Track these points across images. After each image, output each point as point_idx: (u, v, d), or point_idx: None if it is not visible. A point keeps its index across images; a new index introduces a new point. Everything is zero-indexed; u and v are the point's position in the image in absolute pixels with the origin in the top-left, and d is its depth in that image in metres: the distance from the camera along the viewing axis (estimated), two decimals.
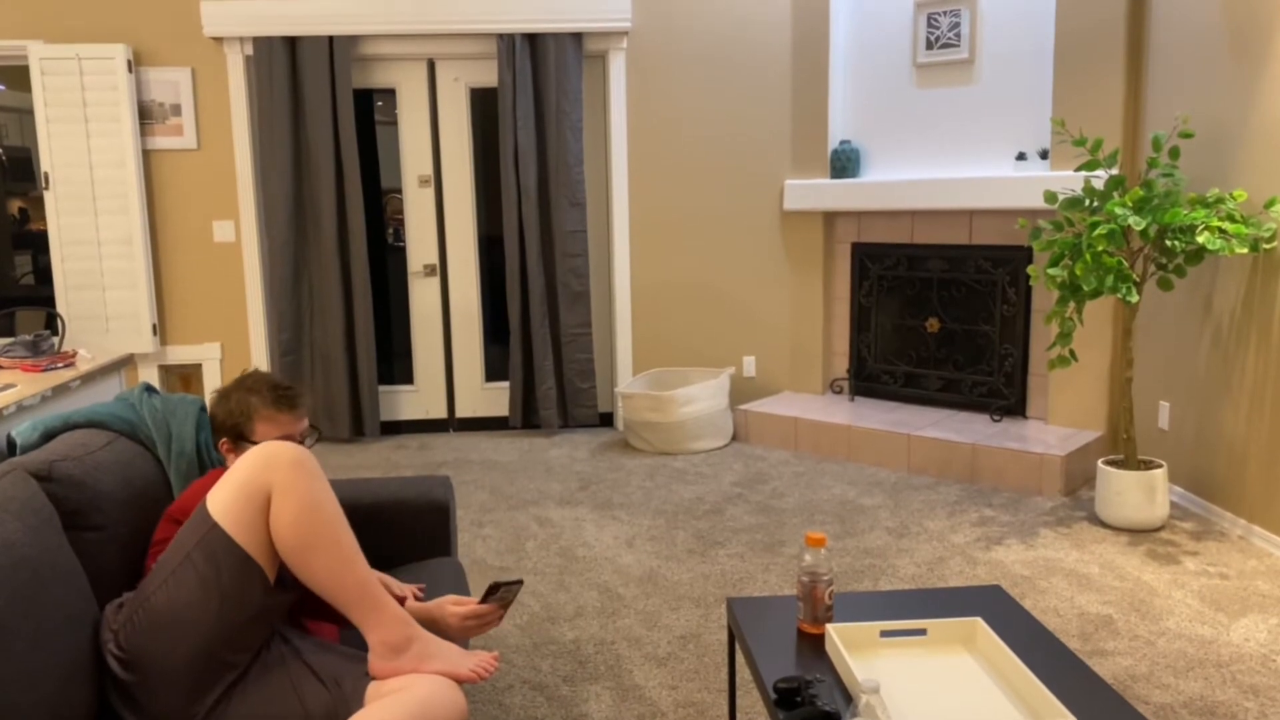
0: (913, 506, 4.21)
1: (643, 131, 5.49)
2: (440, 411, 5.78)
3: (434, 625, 2.09)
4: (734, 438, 5.39)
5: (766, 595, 2.24)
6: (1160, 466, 3.89)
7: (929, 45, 5.01)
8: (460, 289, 5.67)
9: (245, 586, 1.82)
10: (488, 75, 5.49)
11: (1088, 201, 3.91)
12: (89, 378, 2.79)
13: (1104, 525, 3.93)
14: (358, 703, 1.83)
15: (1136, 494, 3.83)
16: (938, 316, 5.19)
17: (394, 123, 5.54)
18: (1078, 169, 3.96)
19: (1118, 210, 3.67)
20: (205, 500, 1.86)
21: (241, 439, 2.18)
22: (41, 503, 1.88)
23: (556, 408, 5.57)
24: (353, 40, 5.27)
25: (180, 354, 5.50)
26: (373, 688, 1.85)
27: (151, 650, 1.80)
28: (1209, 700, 2.61)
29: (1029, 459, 4.37)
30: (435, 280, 5.66)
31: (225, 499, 1.83)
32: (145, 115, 5.27)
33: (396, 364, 5.77)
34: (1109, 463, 3.97)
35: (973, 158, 4.97)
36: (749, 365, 5.69)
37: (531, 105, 5.31)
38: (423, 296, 5.67)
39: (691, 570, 3.58)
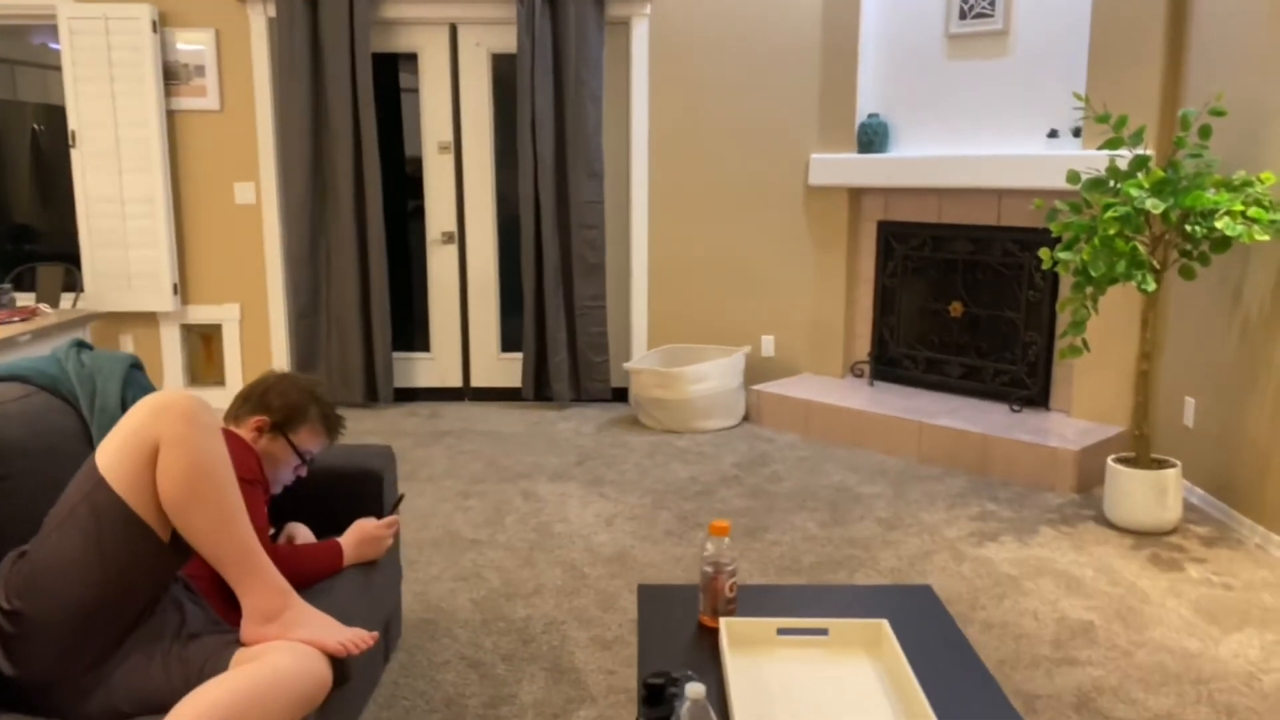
0: (912, 497, 4.04)
1: (665, 101, 5.35)
2: (456, 380, 5.75)
3: (365, 543, 2.34)
4: (745, 418, 5.25)
5: (678, 584, 2.14)
6: (1174, 466, 3.65)
7: (962, 15, 4.76)
8: (478, 258, 5.62)
9: (130, 545, 1.77)
10: (510, 40, 5.40)
11: (1111, 182, 3.68)
12: (44, 333, 2.79)
13: (1111, 526, 3.72)
14: (222, 668, 1.78)
15: (1145, 494, 3.60)
16: (962, 300, 4.97)
17: (417, 89, 5.50)
18: (1099, 147, 3.72)
19: (1133, 192, 3.43)
20: (95, 452, 1.82)
21: (281, 428, 2.23)
22: None
23: (569, 380, 5.50)
24: (373, 3, 5.23)
25: (201, 314, 5.55)
26: (239, 655, 1.80)
27: (32, 604, 1.77)
28: (1176, 719, 2.42)
29: (1042, 452, 4.16)
30: (453, 248, 5.61)
31: (112, 451, 1.78)
32: (170, 76, 5.31)
33: (416, 331, 5.75)
34: (1119, 460, 3.75)
35: (1004, 134, 4.73)
36: (768, 345, 5.54)
37: (550, 71, 5.21)
38: (440, 264, 5.63)
39: (665, 552, 3.48)
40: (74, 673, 1.77)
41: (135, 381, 2.44)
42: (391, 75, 5.51)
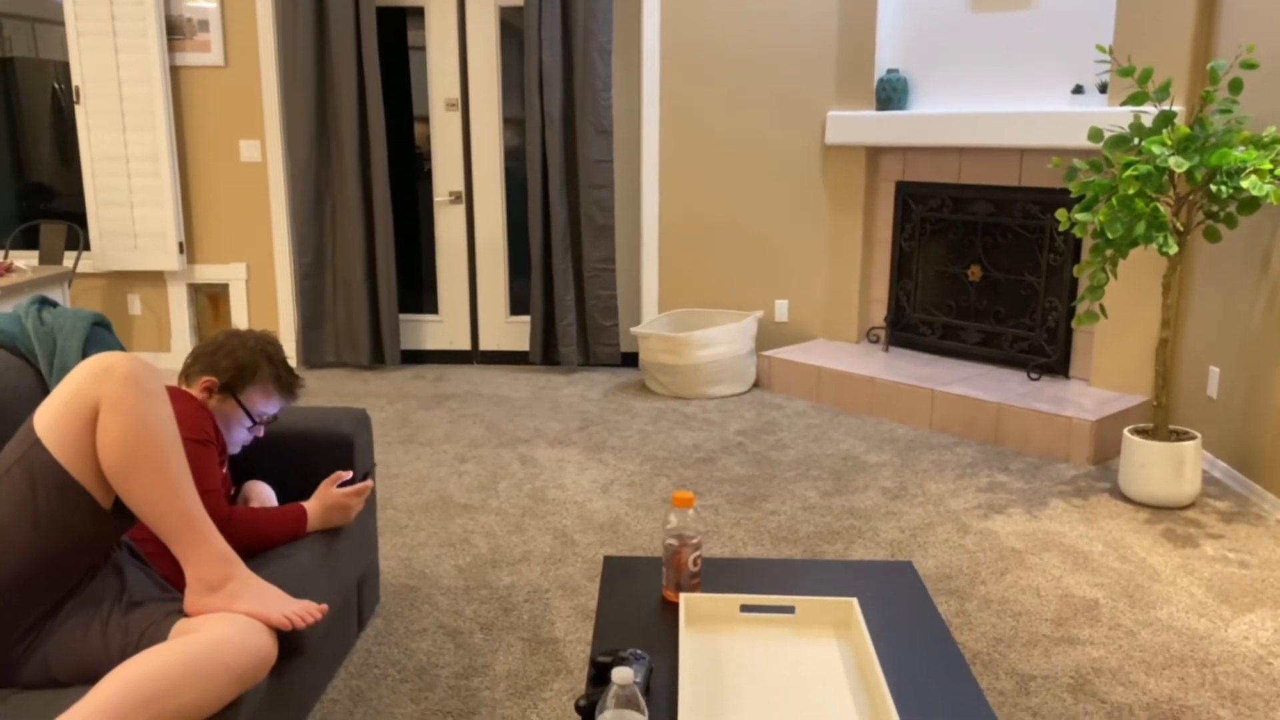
0: (920, 467, 3.92)
1: (676, 56, 5.19)
2: (464, 343, 5.67)
3: (332, 509, 2.25)
4: (756, 385, 5.13)
5: (645, 556, 2.04)
6: (1194, 438, 3.49)
7: None
8: (486, 218, 5.52)
9: (67, 510, 1.70)
10: None
11: (1135, 140, 3.49)
12: (16, 290, 2.73)
13: (1125, 499, 3.57)
14: (161, 638, 1.71)
15: (1162, 467, 3.46)
16: (981, 264, 4.80)
17: (424, 46, 5.37)
18: (1123, 103, 3.53)
19: (1155, 149, 3.25)
20: (34, 413, 1.76)
21: (230, 389, 2.17)
22: None
23: (577, 345, 5.40)
24: None
25: (208, 273, 5.51)
26: (179, 625, 1.73)
27: None
28: (1177, 704, 2.30)
29: (1057, 422, 4.01)
30: (461, 208, 5.51)
31: (52, 413, 1.71)
32: (174, 31, 5.23)
33: (425, 293, 5.67)
34: (1136, 431, 3.60)
35: (1028, 90, 4.53)
36: (781, 309, 5.40)
37: (558, 25, 5.06)
38: (448, 225, 5.54)
39: (658, 520, 3.39)
40: (8, 640, 1.71)
41: (99, 340, 2.37)
42: (399, 31, 5.39)
